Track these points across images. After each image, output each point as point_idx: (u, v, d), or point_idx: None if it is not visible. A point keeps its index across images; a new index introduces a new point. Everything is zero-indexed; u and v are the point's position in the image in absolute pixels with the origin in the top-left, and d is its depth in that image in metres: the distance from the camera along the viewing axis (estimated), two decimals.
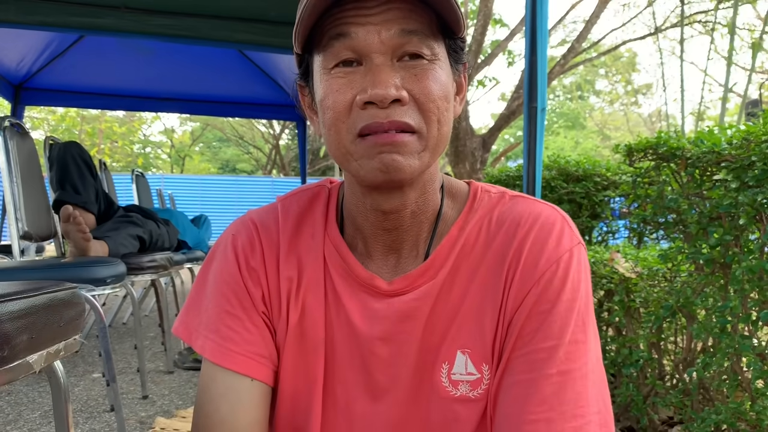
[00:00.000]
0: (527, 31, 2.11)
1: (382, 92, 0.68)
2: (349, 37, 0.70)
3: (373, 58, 0.70)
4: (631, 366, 2.05)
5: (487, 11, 8.19)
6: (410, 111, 0.70)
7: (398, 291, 0.80)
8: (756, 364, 1.57)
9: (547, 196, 2.71)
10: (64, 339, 1.06)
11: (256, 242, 0.85)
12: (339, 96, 0.71)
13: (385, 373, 0.80)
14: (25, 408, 2.51)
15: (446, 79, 0.73)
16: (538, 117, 2.06)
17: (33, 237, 2.58)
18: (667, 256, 1.89)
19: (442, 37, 0.73)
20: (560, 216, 0.80)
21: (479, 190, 0.86)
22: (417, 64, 0.71)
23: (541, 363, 0.71)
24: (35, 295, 0.95)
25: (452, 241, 0.81)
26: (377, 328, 0.80)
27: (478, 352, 0.77)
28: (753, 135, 1.55)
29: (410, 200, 0.78)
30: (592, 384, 0.71)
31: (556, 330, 0.72)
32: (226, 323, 0.80)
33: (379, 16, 0.69)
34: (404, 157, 0.70)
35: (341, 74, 0.71)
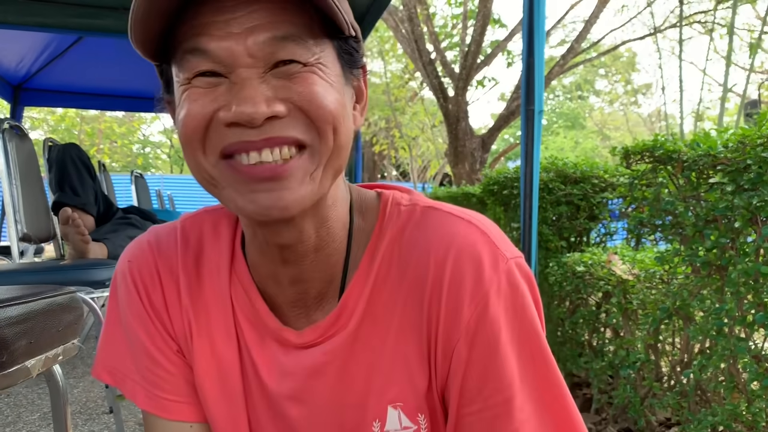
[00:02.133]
0: (524, 33, 2.12)
1: (250, 110, 0.56)
2: (206, 53, 0.58)
3: (239, 72, 0.58)
4: (628, 367, 2.05)
5: (486, 11, 8.19)
6: (293, 122, 0.59)
7: (308, 343, 0.71)
8: (752, 366, 1.58)
9: (544, 197, 2.71)
10: (62, 343, 1.06)
11: (154, 272, 0.75)
12: (196, 108, 0.59)
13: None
14: (25, 410, 2.52)
15: (335, 83, 0.62)
16: (535, 119, 2.07)
17: (32, 239, 2.59)
18: (664, 259, 1.89)
19: (328, 38, 0.62)
20: (478, 233, 0.67)
21: (389, 203, 0.73)
22: (294, 71, 0.59)
23: (500, 421, 0.63)
24: (33, 300, 0.95)
25: (363, 278, 0.69)
26: (286, 385, 0.72)
27: (411, 404, 0.68)
28: (748, 138, 1.56)
29: (308, 233, 0.67)
30: (552, 420, 0.65)
31: (506, 381, 0.63)
32: (148, 368, 0.74)
33: (241, 21, 0.57)
34: (291, 191, 0.60)
35: (201, 84, 0.60)
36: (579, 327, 2.57)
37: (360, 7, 4.04)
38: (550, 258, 2.71)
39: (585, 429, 0.66)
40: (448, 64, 9.24)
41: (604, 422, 2.42)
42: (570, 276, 2.41)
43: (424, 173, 17.31)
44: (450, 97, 8.47)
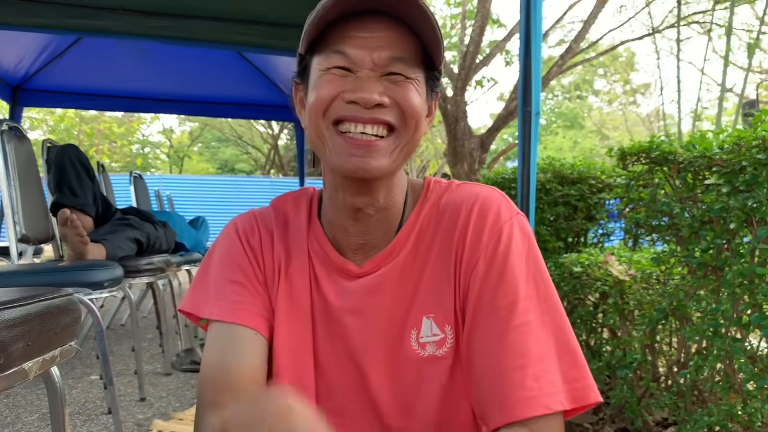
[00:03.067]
0: (521, 35, 2.12)
1: (368, 96, 0.81)
2: (346, 55, 0.83)
3: (363, 71, 0.83)
4: (625, 368, 2.06)
5: (484, 12, 8.19)
6: (391, 112, 0.83)
7: (367, 272, 0.93)
8: (747, 367, 1.59)
9: (542, 198, 2.72)
10: (59, 345, 1.07)
11: (255, 228, 0.98)
12: (328, 87, 0.83)
13: (358, 342, 0.92)
14: (23, 411, 2.52)
15: (422, 96, 0.87)
16: (532, 121, 2.07)
17: (31, 240, 2.59)
18: (660, 259, 1.90)
19: (423, 66, 0.87)
20: (497, 194, 0.92)
21: (432, 182, 0.98)
22: (399, 79, 0.84)
23: (505, 318, 0.82)
24: (31, 303, 0.96)
25: (410, 227, 0.93)
26: (348, 302, 0.92)
27: (441, 316, 0.89)
28: (744, 140, 1.57)
29: (379, 197, 0.90)
30: (552, 332, 0.82)
31: (512, 288, 0.83)
32: (233, 289, 0.92)
33: (374, 40, 0.82)
34: (375, 159, 0.83)
35: (335, 74, 0.83)
36: (576, 327, 2.57)
37: None
38: (548, 258, 2.72)
39: (575, 340, 0.84)
40: (446, 64, 9.24)
41: (602, 422, 2.43)
42: (567, 276, 2.41)
43: (424, 173, 17.31)
44: (449, 98, 8.47)
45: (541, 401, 0.77)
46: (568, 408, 0.78)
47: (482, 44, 8.88)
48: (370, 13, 0.82)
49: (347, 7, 0.81)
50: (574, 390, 0.79)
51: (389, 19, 0.83)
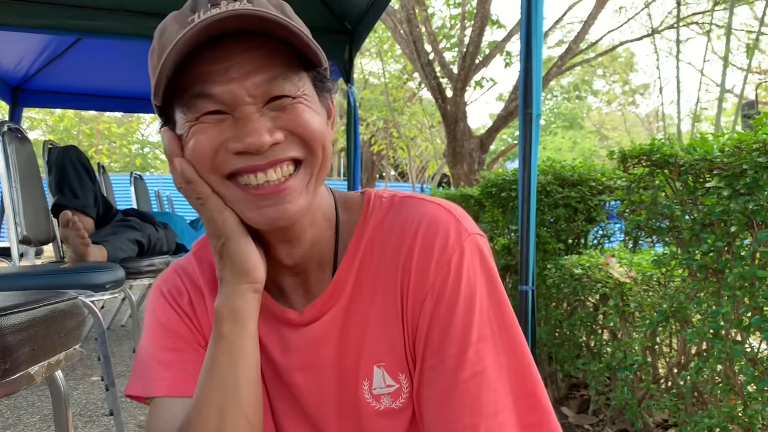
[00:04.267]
0: (522, 36, 2.13)
1: (257, 140, 0.68)
2: (213, 96, 0.68)
3: (242, 110, 0.69)
4: (625, 369, 2.07)
5: (484, 12, 8.20)
6: (290, 145, 0.71)
7: (310, 320, 0.82)
8: (747, 369, 1.59)
9: (542, 200, 2.72)
10: (64, 349, 1.07)
11: (182, 288, 0.88)
12: (205, 141, 0.70)
13: (311, 401, 0.83)
14: (25, 412, 2.52)
15: (317, 109, 0.74)
16: (533, 123, 2.08)
17: (32, 241, 2.59)
18: (661, 262, 1.91)
19: (305, 70, 0.73)
20: (445, 212, 0.79)
21: (372, 197, 0.86)
22: (285, 103, 0.71)
23: (453, 370, 0.72)
24: (36, 308, 0.96)
25: (351, 258, 0.82)
26: (294, 358, 0.83)
27: (393, 364, 0.79)
28: (745, 143, 1.57)
29: (305, 234, 0.79)
30: (509, 375, 0.73)
31: (461, 333, 0.73)
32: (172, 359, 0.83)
33: (239, 67, 0.68)
34: (291, 203, 0.72)
35: (209, 121, 0.70)
36: (577, 329, 2.58)
37: (359, 8, 4.05)
38: (548, 260, 2.72)
39: (538, 374, 0.75)
40: (446, 64, 9.25)
41: (602, 423, 2.44)
42: (568, 278, 2.42)
43: (423, 173, 17.32)
44: (448, 98, 8.48)
45: None
46: None
47: (482, 45, 8.88)
48: (218, 39, 0.68)
49: (192, 43, 0.66)
50: None
51: (243, 37, 0.69)
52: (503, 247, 3.24)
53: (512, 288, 3.21)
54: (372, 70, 16.22)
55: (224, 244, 0.75)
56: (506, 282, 3.37)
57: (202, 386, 0.76)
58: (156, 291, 0.89)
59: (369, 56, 15.44)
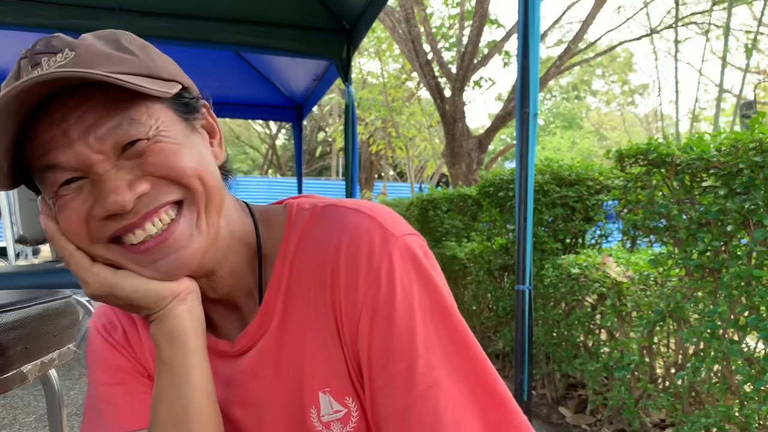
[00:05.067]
0: (519, 36, 2.12)
1: (119, 201, 0.62)
2: (59, 166, 0.63)
3: (94, 170, 0.63)
4: (622, 369, 2.07)
5: (483, 12, 8.20)
6: (161, 191, 0.65)
7: (241, 350, 0.78)
8: (744, 369, 1.59)
9: (540, 200, 2.72)
10: (58, 348, 1.07)
11: (115, 321, 0.84)
12: (72, 215, 0.65)
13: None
14: (20, 412, 2.52)
15: (182, 140, 0.68)
16: (530, 122, 2.07)
17: (28, 241, 2.59)
18: (658, 261, 1.91)
19: (156, 100, 0.66)
20: (366, 218, 0.72)
21: (294, 210, 0.79)
22: (141, 147, 0.64)
23: (405, 387, 0.67)
24: (29, 306, 0.96)
25: (278, 279, 0.76)
26: (232, 394, 0.79)
27: (338, 388, 0.74)
28: (741, 142, 1.57)
29: (219, 265, 0.74)
30: (465, 376, 0.68)
31: (406, 347, 0.67)
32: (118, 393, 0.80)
33: (76, 127, 0.62)
34: (185, 249, 0.67)
35: (68, 192, 0.65)
36: (574, 329, 2.58)
37: (357, 7, 4.05)
38: (546, 260, 2.72)
39: (495, 372, 0.70)
40: (445, 64, 9.25)
41: (599, 423, 2.44)
42: (565, 278, 2.42)
43: (421, 173, 17.32)
44: (447, 98, 8.48)
45: None
46: None
47: (480, 45, 8.89)
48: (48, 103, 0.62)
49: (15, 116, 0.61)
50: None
51: (71, 93, 0.62)
52: (501, 247, 3.24)
53: (510, 288, 3.21)
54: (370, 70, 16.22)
55: (113, 294, 0.69)
56: (504, 282, 3.37)
57: (152, 419, 0.73)
58: (92, 329, 0.85)
59: (368, 56, 15.44)
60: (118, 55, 0.65)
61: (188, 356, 0.71)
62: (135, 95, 0.63)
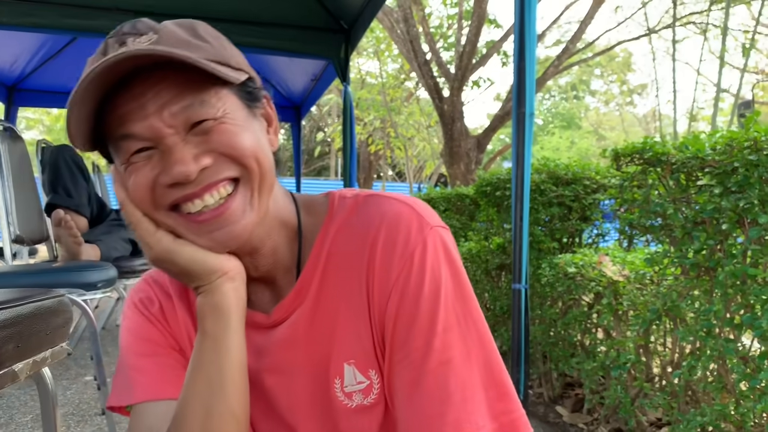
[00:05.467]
0: (516, 36, 2.13)
1: (184, 170, 0.69)
2: (135, 136, 0.70)
3: (165, 142, 0.70)
4: (619, 368, 2.06)
5: (481, 12, 8.21)
6: (221, 166, 0.72)
7: (277, 321, 0.83)
8: (739, 367, 1.59)
9: (536, 199, 2.72)
10: (50, 347, 1.07)
11: (152, 296, 0.89)
12: (139, 180, 0.71)
13: (284, 403, 0.83)
14: (17, 411, 2.52)
15: (244, 124, 0.74)
16: (526, 122, 2.07)
17: (25, 240, 2.59)
18: (654, 260, 1.91)
19: (226, 86, 0.73)
20: (407, 207, 0.79)
21: (336, 198, 0.86)
22: (208, 126, 0.71)
23: (420, 361, 0.73)
24: (21, 304, 0.96)
25: (316, 258, 0.82)
26: (264, 361, 0.83)
27: (363, 361, 0.79)
28: (736, 141, 1.57)
29: (263, 244, 0.80)
30: (477, 364, 0.74)
31: (427, 324, 0.73)
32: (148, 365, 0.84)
33: (153, 101, 0.69)
34: (237, 223, 0.73)
35: (139, 161, 0.71)
36: (571, 328, 2.58)
37: (354, 6, 4.05)
38: (542, 259, 2.72)
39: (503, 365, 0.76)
40: (443, 64, 9.25)
41: (596, 422, 2.44)
42: (562, 277, 2.42)
43: (420, 173, 17.33)
44: (445, 98, 8.48)
45: None
46: None
47: (479, 45, 8.89)
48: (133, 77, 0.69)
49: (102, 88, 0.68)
50: (502, 426, 0.73)
51: (154, 71, 0.69)
52: (498, 246, 3.24)
53: (507, 287, 3.21)
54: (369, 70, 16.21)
55: (171, 260, 0.75)
56: (501, 281, 3.37)
57: (188, 383, 0.76)
58: (128, 303, 0.90)
59: (366, 56, 15.44)
60: (195, 42, 0.72)
61: (229, 331, 0.76)
62: (207, 80, 0.70)
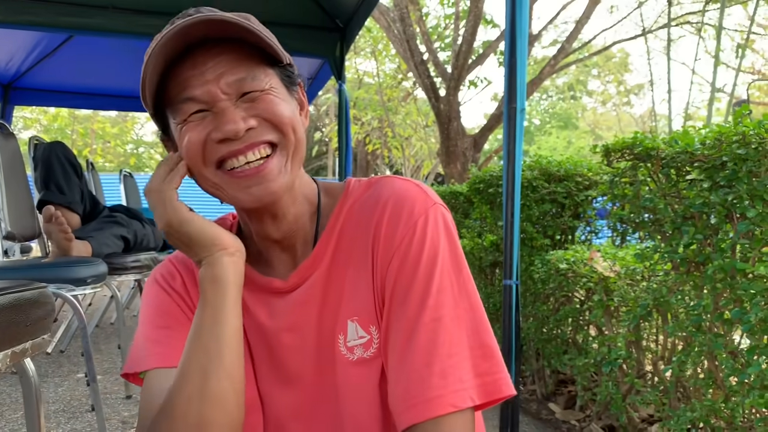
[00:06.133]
0: (507, 33, 2.12)
1: (233, 127, 0.80)
2: (194, 98, 0.82)
3: (218, 105, 0.82)
4: (610, 364, 2.06)
5: (477, 12, 8.21)
6: (263, 130, 0.83)
7: (294, 285, 0.91)
8: (728, 362, 1.59)
9: (528, 195, 2.72)
10: (31, 338, 1.06)
11: (175, 272, 0.97)
12: (194, 135, 0.82)
13: (294, 360, 0.91)
14: (7, 408, 2.51)
15: (284, 99, 0.86)
16: (517, 117, 2.07)
17: (16, 237, 2.58)
18: (644, 255, 1.90)
19: (271, 67, 0.86)
20: (413, 186, 0.89)
21: (352, 182, 0.96)
22: (255, 96, 0.83)
23: (414, 316, 0.80)
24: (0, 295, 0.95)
25: (331, 229, 0.91)
26: (282, 320, 0.91)
27: (365, 317, 0.87)
28: (725, 135, 1.57)
29: (289, 212, 0.90)
30: (465, 325, 0.81)
31: (423, 284, 0.81)
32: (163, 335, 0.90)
33: (212, 70, 0.81)
34: (274, 182, 0.83)
35: (195, 120, 0.83)
36: (563, 324, 2.57)
37: (349, 5, 4.05)
38: (535, 256, 2.72)
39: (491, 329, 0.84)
40: (440, 64, 9.26)
41: (588, 419, 2.44)
42: (554, 273, 2.41)
43: (417, 173, 17.31)
44: (442, 97, 8.48)
45: (446, 399, 0.76)
46: (478, 403, 0.78)
47: (475, 44, 8.89)
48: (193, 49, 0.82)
49: (169, 56, 0.80)
50: (485, 384, 0.79)
51: (213, 45, 0.82)
52: (491, 243, 3.24)
53: (500, 284, 3.20)
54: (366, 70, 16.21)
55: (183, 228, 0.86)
56: (495, 278, 3.37)
57: (187, 348, 0.83)
58: (150, 279, 0.98)
59: (364, 56, 15.43)
60: (252, 25, 0.82)
61: (227, 300, 0.85)
62: (258, 59, 0.84)
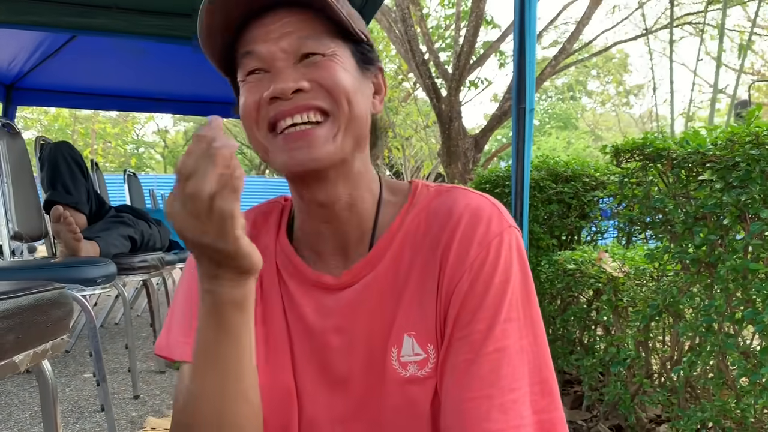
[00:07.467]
0: (516, 33, 2.13)
1: (282, 85, 0.77)
2: (254, 54, 0.80)
3: (276, 65, 0.79)
4: (618, 364, 2.06)
5: (479, 12, 8.21)
6: (316, 95, 0.79)
7: (346, 284, 0.87)
8: (740, 363, 1.59)
9: (536, 196, 2.72)
10: (51, 339, 1.06)
11: None
12: (249, 97, 0.81)
13: (340, 363, 0.86)
14: (16, 408, 2.51)
15: (349, 69, 0.82)
16: (526, 118, 2.07)
17: (24, 237, 2.58)
18: (654, 256, 1.90)
19: (343, 40, 0.82)
20: (489, 203, 0.84)
21: (419, 186, 0.91)
22: (316, 60, 0.80)
23: (479, 343, 0.76)
24: (22, 296, 0.95)
25: (393, 233, 0.87)
26: (330, 320, 0.87)
27: (423, 334, 0.82)
28: (737, 136, 1.57)
29: (341, 192, 0.84)
30: (528, 359, 0.77)
31: (491, 311, 0.77)
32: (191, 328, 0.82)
33: (277, 30, 0.79)
34: (318, 148, 0.78)
35: (252, 80, 0.81)
36: (570, 324, 2.58)
37: (352, 6, 4.05)
38: (542, 256, 2.72)
39: (552, 366, 0.80)
40: (441, 64, 9.26)
41: (595, 419, 2.44)
42: (561, 274, 2.42)
43: (418, 173, 17.31)
44: (443, 98, 8.48)
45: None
46: None
47: (476, 45, 8.89)
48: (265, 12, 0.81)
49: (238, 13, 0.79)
50: (542, 422, 0.76)
51: (285, 9, 0.80)
52: None
53: None
54: None
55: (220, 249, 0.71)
56: None
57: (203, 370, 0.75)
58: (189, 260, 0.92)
59: None
60: None
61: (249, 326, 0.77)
62: (332, 29, 0.81)
